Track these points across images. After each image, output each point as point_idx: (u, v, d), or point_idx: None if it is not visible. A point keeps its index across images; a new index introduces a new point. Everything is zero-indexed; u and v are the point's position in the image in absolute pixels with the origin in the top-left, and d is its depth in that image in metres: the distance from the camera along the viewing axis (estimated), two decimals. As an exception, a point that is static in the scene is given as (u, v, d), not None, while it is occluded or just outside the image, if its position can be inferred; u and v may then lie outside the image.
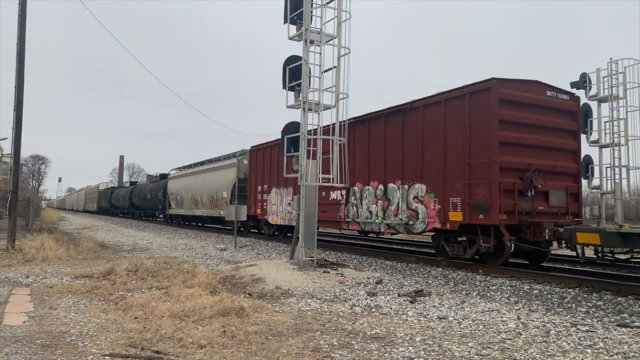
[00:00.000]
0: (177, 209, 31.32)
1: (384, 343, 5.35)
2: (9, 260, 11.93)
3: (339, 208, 14.26)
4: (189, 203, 28.51)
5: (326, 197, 14.66)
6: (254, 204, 20.18)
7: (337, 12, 10.61)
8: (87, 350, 5.01)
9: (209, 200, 25.30)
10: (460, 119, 10.86)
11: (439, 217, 11.12)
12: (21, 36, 14.63)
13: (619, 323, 6.30)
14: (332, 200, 14.58)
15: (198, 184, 27.04)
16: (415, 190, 11.85)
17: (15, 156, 15.37)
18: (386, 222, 12.55)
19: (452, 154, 11.00)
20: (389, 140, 12.73)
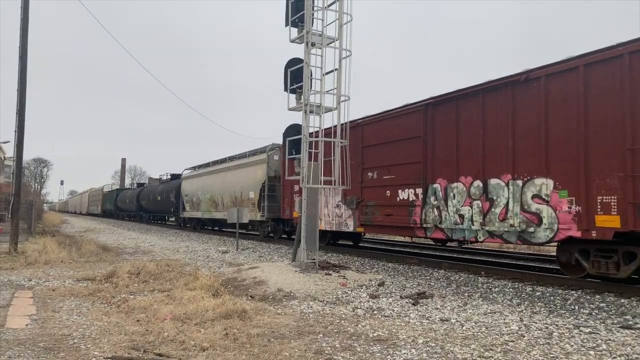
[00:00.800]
0: (193, 212, 28.61)
1: (387, 345, 5.35)
2: (11, 263, 11.95)
3: (412, 211, 11.50)
4: (207, 205, 26.06)
5: (392, 197, 12.15)
6: (290, 205, 17.25)
7: (338, 14, 10.63)
8: (90, 353, 5.02)
9: (231, 202, 22.93)
10: (612, 86, 8.07)
11: (577, 223, 8.37)
12: (23, 40, 14.67)
13: (622, 325, 6.29)
14: (402, 201, 11.84)
15: (218, 184, 24.76)
16: (535, 186, 9.05)
17: (18, 159, 15.41)
18: (488, 228, 9.75)
19: (600, 136, 8.19)
20: (489, 123, 9.96)
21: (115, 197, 54.42)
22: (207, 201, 26.05)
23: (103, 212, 61.33)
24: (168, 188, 34.54)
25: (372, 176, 12.90)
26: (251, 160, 21.63)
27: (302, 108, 10.79)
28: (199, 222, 29.37)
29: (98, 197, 64.96)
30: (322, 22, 10.76)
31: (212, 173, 26.26)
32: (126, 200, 48.66)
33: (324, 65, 10.71)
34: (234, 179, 22.86)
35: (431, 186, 11.14)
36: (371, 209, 12.83)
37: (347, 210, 13.75)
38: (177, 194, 31.74)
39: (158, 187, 38.07)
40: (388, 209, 12.26)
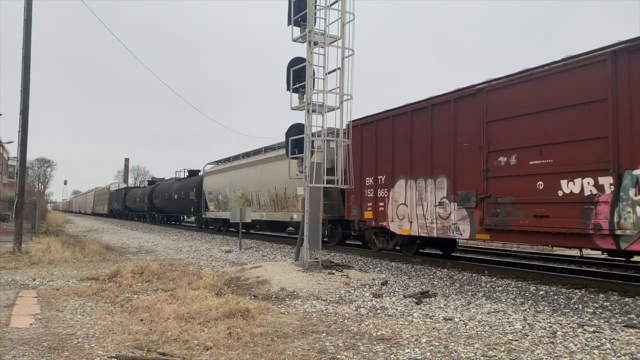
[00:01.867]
0: (218, 212, 24.97)
1: (390, 344, 5.35)
2: (15, 263, 11.99)
3: (590, 210, 8.08)
4: (237, 204, 22.04)
5: (548, 191, 8.76)
6: (358, 203, 13.66)
7: (341, 13, 10.62)
8: (94, 352, 5.04)
9: (270, 200, 19.24)
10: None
11: None
12: (27, 40, 14.71)
13: (626, 324, 6.27)
14: (567, 197, 8.45)
15: (252, 180, 21.10)
16: None
17: (22, 159, 15.46)
18: None
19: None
20: None
21: (124, 196, 50.93)
22: (238, 200, 22.36)
23: (110, 212, 58.14)
24: (187, 185, 30.96)
25: (506, 161, 9.55)
26: None
27: (304, 107, 10.79)
28: (224, 223, 25.51)
29: (104, 196, 61.76)
30: (325, 21, 10.76)
31: (243, 167, 22.64)
32: (136, 200, 45.11)
33: (327, 65, 10.71)
34: (275, 172, 18.83)
35: (631, 173, 7.64)
36: (506, 208, 9.47)
37: (459, 210, 10.50)
38: (198, 192, 28.13)
39: (174, 184, 34.38)
40: (540, 207, 8.88)
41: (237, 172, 23.11)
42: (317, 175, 10.64)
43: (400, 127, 12.25)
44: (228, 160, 25.22)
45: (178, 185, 33.24)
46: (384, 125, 12.85)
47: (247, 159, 22.77)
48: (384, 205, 12.71)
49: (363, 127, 13.52)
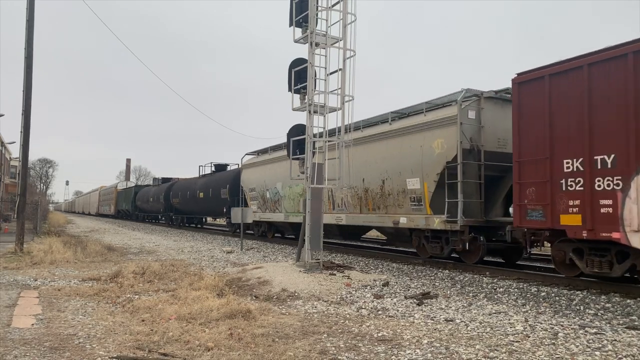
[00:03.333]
0: (265, 213, 20.07)
1: (391, 345, 5.34)
2: (17, 263, 12.02)
3: None
4: (296, 203, 17.31)
5: None
6: (544, 200, 8.90)
7: (343, 14, 10.62)
8: (95, 352, 5.04)
9: (354, 198, 14.14)
10: None
11: None
12: (29, 41, 14.75)
13: (628, 325, 6.26)
14: None
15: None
16: None
17: (24, 160, 15.50)
18: None
19: None
20: None
21: (134, 195, 46.59)
22: (297, 197, 17.27)
23: (117, 212, 54.15)
24: (216, 181, 26.24)
25: None
26: (414, 122, 12.19)
27: (306, 108, 10.80)
28: (270, 227, 21.00)
29: (110, 195, 57.92)
30: (326, 22, 10.77)
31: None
32: (149, 199, 40.34)
33: (328, 66, 10.72)
34: (365, 159, 13.59)
35: None
36: None
37: None
38: (234, 188, 23.52)
39: (198, 180, 29.75)
40: None
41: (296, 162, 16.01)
42: (319, 176, 10.63)
43: (619, 84, 7.89)
44: (278, 147, 19.37)
45: (204, 181, 28.17)
46: (608, 71, 8.09)
47: None
48: (613, 204, 7.87)
49: (553, 79, 8.86)
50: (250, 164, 22.22)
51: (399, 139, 12.64)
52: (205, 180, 28.44)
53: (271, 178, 19.45)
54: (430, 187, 11.49)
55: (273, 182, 19.24)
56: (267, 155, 20.50)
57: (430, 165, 11.54)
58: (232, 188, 23.82)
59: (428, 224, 11.57)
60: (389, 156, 12.90)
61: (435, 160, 11.37)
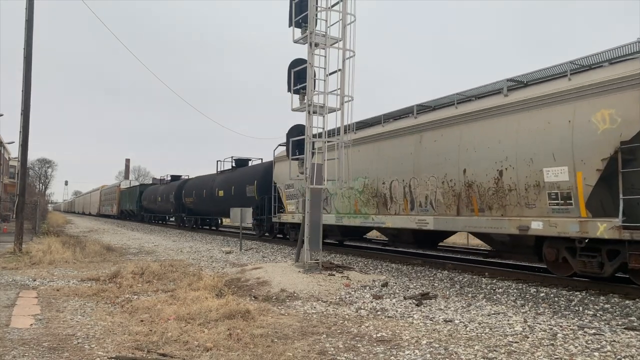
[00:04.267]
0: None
1: (390, 346, 5.34)
2: (16, 263, 12.00)
3: None
4: (352, 203, 14.06)
5: None
6: None
7: (342, 15, 10.63)
8: (94, 353, 5.04)
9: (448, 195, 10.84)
10: None
11: None
12: (28, 41, 14.73)
13: (627, 326, 6.26)
14: None
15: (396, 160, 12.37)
16: None
17: (23, 160, 15.48)
18: None
19: None
20: None
21: (139, 194, 43.25)
22: (355, 194, 13.94)
23: (120, 213, 51.30)
24: (240, 178, 22.80)
25: None
26: (554, 89, 8.94)
27: (305, 108, 10.80)
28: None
29: (113, 195, 55.05)
30: (326, 22, 10.78)
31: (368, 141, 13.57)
32: (157, 199, 36.72)
33: (328, 66, 10.73)
34: (470, 142, 10.40)
35: None
36: None
37: None
38: (264, 185, 20.13)
39: (217, 177, 26.13)
40: None
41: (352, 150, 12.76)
42: (318, 176, 10.63)
43: None
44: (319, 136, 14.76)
45: (224, 178, 24.82)
46: None
47: (374, 127, 13.56)
48: None
49: None
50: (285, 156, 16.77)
51: (526, 113, 9.30)
52: (225, 176, 24.97)
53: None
54: (589, 179, 8.14)
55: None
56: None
57: (588, 147, 8.18)
58: (261, 185, 20.27)
59: (584, 231, 8.17)
60: (509, 138, 9.52)
61: (599, 140, 8.04)
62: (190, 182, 31.43)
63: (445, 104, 11.55)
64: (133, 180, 64.95)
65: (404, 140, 12.17)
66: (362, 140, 13.60)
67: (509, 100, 9.72)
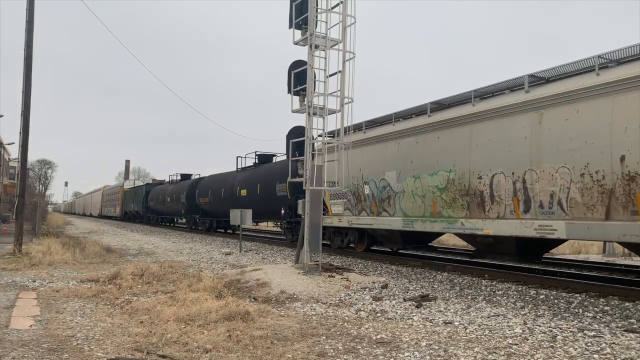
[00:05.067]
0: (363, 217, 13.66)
1: (390, 348, 5.34)
2: (15, 264, 12.00)
3: None
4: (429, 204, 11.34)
5: None
6: None
7: (342, 16, 10.64)
8: (93, 354, 5.04)
9: (603, 195, 7.96)
10: None
11: None
12: (29, 42, 14.75)
13: (627, 328, 6.26)
14: None
15: (496, 149, 9.76)
16: None
17: (23, 160, 15.48)
18: None
19: None
20: None
21: (145, 195, 40.84)
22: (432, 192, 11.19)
23: (124, 214, 49.08)
24: (266, 175, 20.32)
25: None
26: None
27: (305, 110, 10.81)
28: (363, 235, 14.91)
29: (116, 195, 52.92)
30: (326, 24, 10.79)
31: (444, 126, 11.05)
32: (165, 199, 34.24)
33: (328, 68, 10.74)
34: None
35: None
36: None
37: None
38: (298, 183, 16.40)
39: (238, 175, 23.65)
40: None
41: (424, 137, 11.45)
42: (318, 178, 10.64)
43: None
44: (387, 120, 13.04)
45: (246, 176, 22.41)
46: None
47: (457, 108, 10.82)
48: None
49: None
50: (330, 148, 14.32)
51: None
52: (247, 174, 22.50)
53: (374, 166, 13.14)
54: None
55: (378, 172, 12.94)
56: (360, 133, 13.73)
57: None
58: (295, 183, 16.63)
59: None
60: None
61: None
62: (204, 181, 28.88)
63: (578, 70, 8.69)
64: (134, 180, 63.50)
65: (513, 121, 9.42)
66: (443, 124, 10.95)
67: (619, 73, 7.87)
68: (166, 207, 34.52)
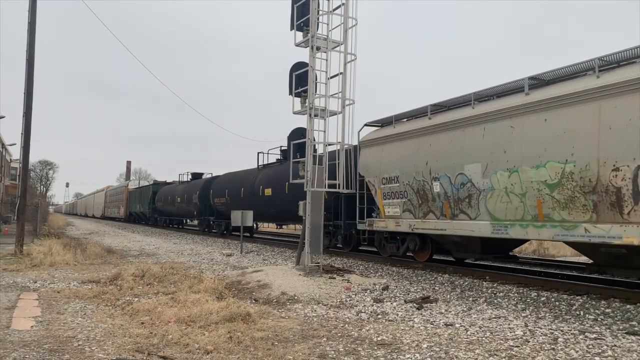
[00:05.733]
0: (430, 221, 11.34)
1: (391, 350, 5.34)
2: (17, 265, 12.01)
3: None
4: (533, 204, 8.99)
5: None
6: None
7: (344, 18, 10.66)
8: (94, 355, 5.04)
9: None
10: None
11: None
12: (31, 43, 14.78)
13: (628, 331, 6.25)
14: None
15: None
16: None
17: (24, 161, 15.50)
18: None
19: None
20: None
21: (152, 195, 38.55)
22: (541, 190, 8.84)
23: (129, 215, 46.93)
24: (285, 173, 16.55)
25: None
26: None
27: (306, 112, 10.82)
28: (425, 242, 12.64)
29: (120, 196, 50.76)
30: (327, 26, 10.81)
31: (584, 98, 8.30)
32: (175, 200, 31.82)
33: (329, 69, 10.76)
34: None
35: None
36: None
37: None
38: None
39: (259, 172, 21.32)
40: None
41: (523, 121, 9.30)
42: (319, 179, 10.64)
43: None
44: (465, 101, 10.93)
45: (270, 174, 20.32)
46: None
47: (570, 82, 8.83)
48: None
49: None
50: (381, 138, 13.02)
51: None
52: (271, 171, 20.30)
53: (448, 158, 10.77)
54: None
55: (454, 165, 10.58)
56: (425, 119, 11.64)
57: None
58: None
59: None
60: None
61: None
62: (220, 180, 26.17)
63: None
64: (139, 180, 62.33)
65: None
66: (552, 102, 8.79)
67: None
68: (176, 208, 32.09)
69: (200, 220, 29.20)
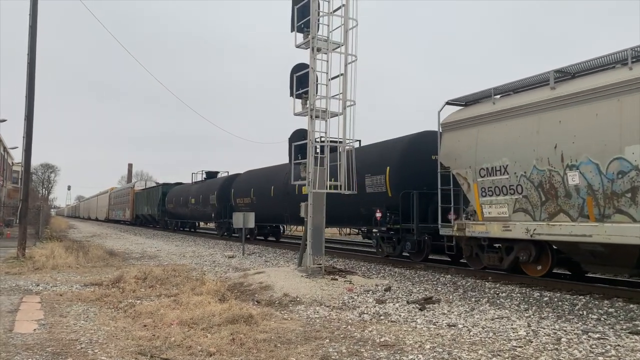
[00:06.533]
0: (564, 225, 8.46)
1: (393, 351, 5.33)
2: (19, 268, 12.02)
3: None
4: None
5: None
6: None
7: (344, 19, 10.66)
8: (97, 357, 5.04)
9: None
10: None
11: None
12: (32, 46, 14.80)
13: (631, 330, 6.23)
14: None
15: None
16: None
17: (26, 165, 15.53)
18: None
19: None
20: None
21: (161, 196, 35.73)
22: None
23: (135, 218, 44.34)
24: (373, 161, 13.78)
25: None
26: None
27: (307, 113, 10.82)
28: (542, 251, 9.68)
29: (125, 198, 48.22)
30: (328, 27, 10.81)
31: None
32: (189, 201, 29.19)
33: (330, 71, 10.76)
34: None
35: None
36: None
37: None
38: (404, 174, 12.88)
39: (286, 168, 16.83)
40: None
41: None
42: (320, 180, 10.64)
43: None
44: (567, 74, 9.07)
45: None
46: None
47: None
48: None
49: None
50: (476, 118, 10.44)
51: None
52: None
53: (593, 137, 8.20)
54: None
55: (606, 148, 8.01)
56: (546, 90, 9.18)
57: None
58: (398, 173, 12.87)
59: None
60: None
61: None
62: (242, 178, 23.68)
63: None
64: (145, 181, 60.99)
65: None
66: None
67: None
68: (189, 210, 29.03)
69: (219, 223, 26.10)
